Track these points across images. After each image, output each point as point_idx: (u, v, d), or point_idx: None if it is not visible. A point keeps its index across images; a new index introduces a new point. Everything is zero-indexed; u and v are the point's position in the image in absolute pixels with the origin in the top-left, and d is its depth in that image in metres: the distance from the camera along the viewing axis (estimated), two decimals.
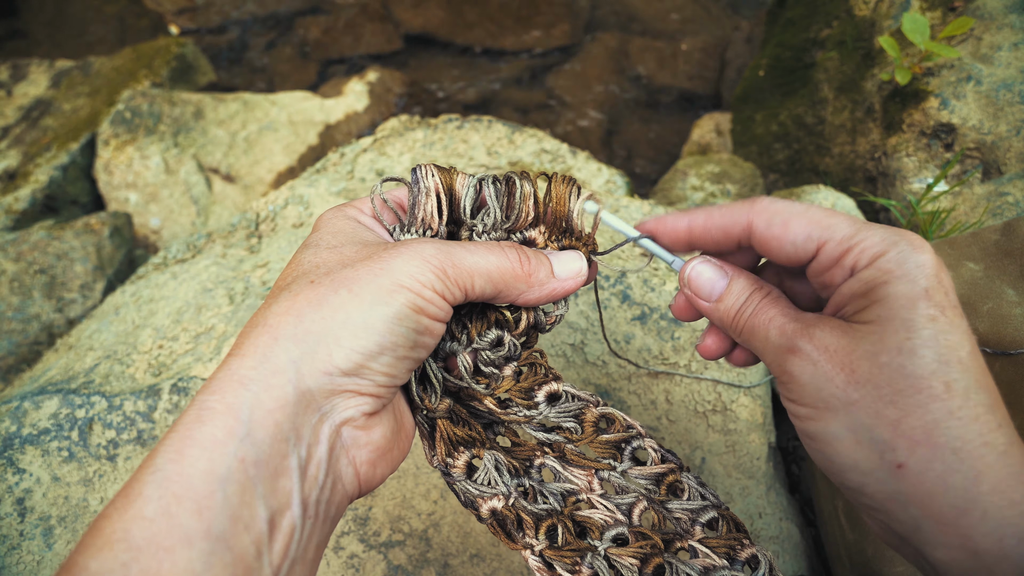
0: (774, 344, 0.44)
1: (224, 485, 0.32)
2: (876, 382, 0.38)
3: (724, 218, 0.47)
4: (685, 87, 2.60)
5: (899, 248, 0.39)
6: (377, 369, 0.40)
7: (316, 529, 0.38)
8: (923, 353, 0.37)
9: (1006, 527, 0.35)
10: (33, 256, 1.45)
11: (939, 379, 0.36)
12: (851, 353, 0.39)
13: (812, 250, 0.43)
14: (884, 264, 0.39)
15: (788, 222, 0.43)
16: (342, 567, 0.73)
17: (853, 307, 0.41)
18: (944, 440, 0.36)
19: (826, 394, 0.40)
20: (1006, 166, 1.25)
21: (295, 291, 0.40)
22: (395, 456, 0.45)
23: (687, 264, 0.50)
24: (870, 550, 0.72)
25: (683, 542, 0.47)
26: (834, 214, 0.43)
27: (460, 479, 0.47)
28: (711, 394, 0.87)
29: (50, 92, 2.33)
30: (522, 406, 0.50)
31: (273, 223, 1.19)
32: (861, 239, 0.41)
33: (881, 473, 0.38)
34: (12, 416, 0.87)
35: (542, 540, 0.46)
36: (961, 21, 1.24)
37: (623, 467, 0.50)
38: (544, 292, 0.48)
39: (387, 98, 2.47)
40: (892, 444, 0.37)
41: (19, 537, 0.79)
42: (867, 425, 0.38)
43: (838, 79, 1.65)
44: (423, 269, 0.41)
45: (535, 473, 0.50)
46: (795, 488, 0.97)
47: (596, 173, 1.27)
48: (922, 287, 0.38)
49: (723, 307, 0.48)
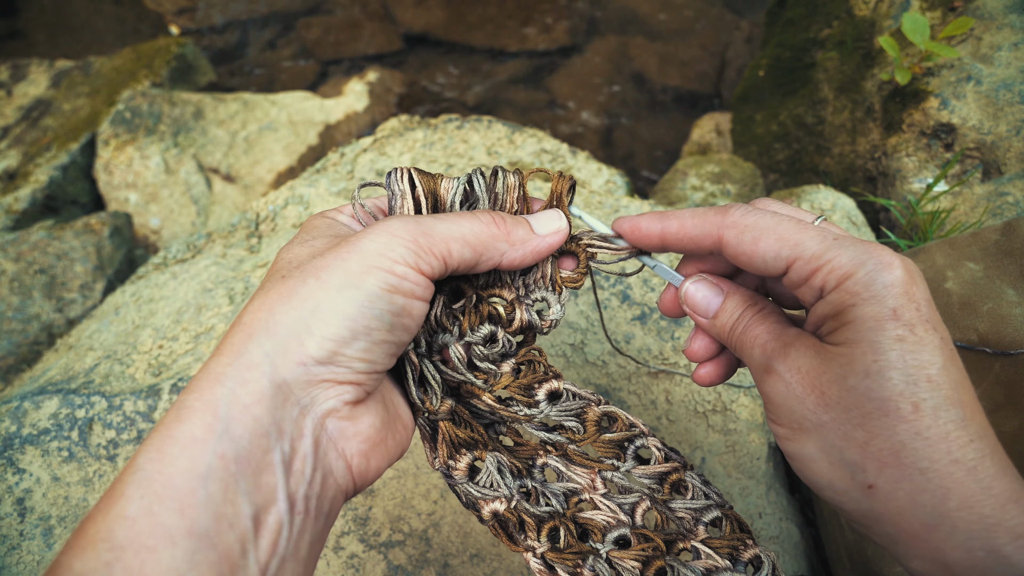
0: (757, 362, 0.45)
1: (206, 483, 0.32)
2: (845, 405, 0.39)
3: (695, 229, 0.47)
4: (685, 87, 2.60)
5: (866, 268, 0.39)
6: (353, 355, 0.39)
7: (307, 525, 0.38)
8: (890, 375, 0.37)
9: (975, 540, 0.36)
10: (33, 256, 1.45)
11: (907, 400, 0.37)
12: (821, 376, 0.40)
13: (782, 267, 0.43)
14: (851, 287, 0.40)
15: (758, 239, 0.43)
16: (342, 567, 0.73)
17: (826, 328, 0.42)
18: (911, 461, 0.37)
19: (799, 415, 0.41)
20: (1006, 166, 1.25)
21: (267, 288, 0.40)
22: (390, 447, 0.44)
23: (684, 283, 0.51)
24: (870, 550, 0.72)
25: (685, 543, 0.47)
26: (804, 229, 0.42)
27: (462, 481, 0.47)
28: (711, 394, 0.87)
29: (50, 92, 2.33)
30: (523, 404, 0.50)
31: (273, 223, 1.18)
32: (829, 259, 0.40)
33: (854, 492, 0.39)
34: (12, 416, 0.87)
35: (544, 542, 0.45)
36: (961, 21, 1.24)
37: (626, 466, 0.50)
38: (528, 250, 0.48)
39: (387, 98, 2.47)
40: (862, 465, 0.38)
41: (19, 537, 0.79)
42: (838, 447, 0.39)
43: (838, 79, 1.65)
44: (392, 244, 0.40)
45: (538, 473, 0.50)
46: (795, 488, 0.97)
47: (596, 173, 1.27)
48: (889, 307, 0.38)
49: (719, 323, 0.49)
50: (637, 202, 1.11)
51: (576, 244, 0.53)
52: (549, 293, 0.52)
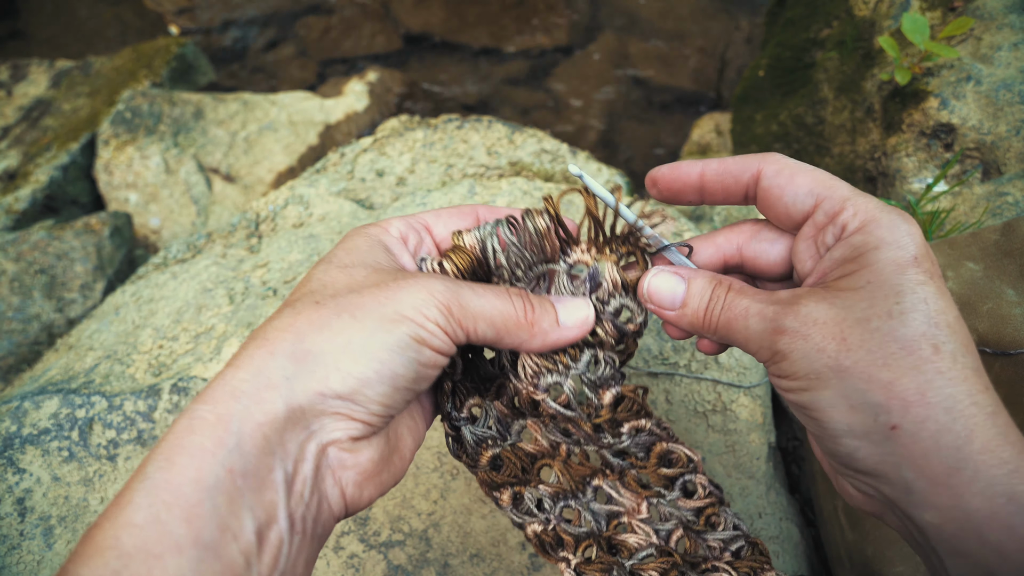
0: (756, 331, 0.44)
1: (212, 494, 0.33)
2: (868, 347, 0.39)
3: (736, 164, 0.48)
4: (685, 87, 2.60)
5: (890, 216, 0.41)
6: (373, 397, 0.40)
7: (304, 546, 0.38)
8: (913, 316, 0.38)
9: (996, 486, 0.35)
10: (33, 256, 1.45)
11: (928, 341, 0.38)
12: (841, 322, 0.40)
13: (811, 205, 0.45)
14: (875, 230, 0.41)
15: (795, 175, 0.45)
16: (342, 567, 0.73)
17: (840, 271, 0.42)
18: (937, 399, 0.37)
19: (818, 365, 0.40)
20: (1006, 166, 1.25)
21: (299, 310, 0.41)
22: (385, 479, 0.45)
23: (643, 278, 0.50)
24: (870, 550, 0.72)
25: (707, 563, 0.50)
26: (837, 179, 0.45)
27: (507, 508, 0.52)
28: (711, 394, 0.87)
29: (50, 92, 2.33)
30: (609, 434, 0.52)
31: (273, 223, 1.19)
32: (855, 202, 0.43)
33: (875, 436, 0.39)
34: (12, 416, 0.87)
35: (579, 556, 0.50)
36: (961, 21, 1.24)
37: (672, 496, 0.53)
38: (548, 341, 0.48)
39: (387, 98, 2.47)
40: (886, 406, 0.38)
41: (19, 537, 0.79)
42: (860, 390, 0.39)
43: (838, 79, 1.65)
44: (428, 303, 0.41)
45: (589, 491, 0.53)
46: (795, 488, 0.97)
47: (596, 173, 1.27)
48: (911, 254, 0.40)
49: (689, 311, 0.48)
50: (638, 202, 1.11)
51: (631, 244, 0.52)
52: (625, 299, 0.51)
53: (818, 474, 0.87)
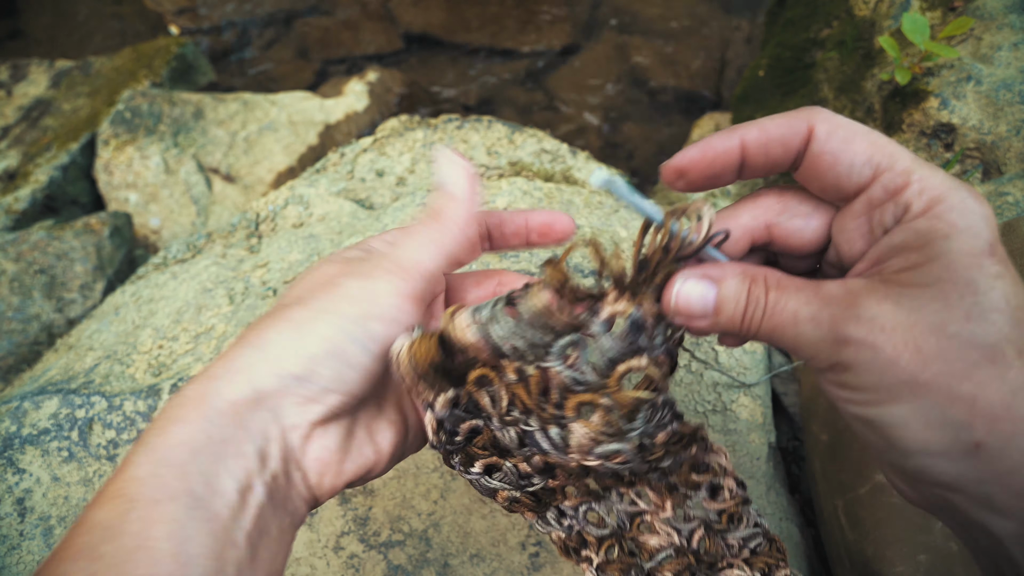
0: (810, 339, 0.37)
1: (197, 456, 0.38)
2: (947, 357, 0.33)
3: (779, 128, 0.39)
4: (685, 87, 2.60)
5: (960, 195, 0.35)
6: (327, 375, 0.42)
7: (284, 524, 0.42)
8: (994, 318, 0.33)
9: None
10: (33, 256, 1.46)
11: (1012, 345, 0.33)
12: (913, 327, 0.34)
13: (868, 177, 0.37)
14: (944, 213, 0.35)
15: (850, 139, 0.38)
16: (342, 567, 0.73)
17: (902, 262, 0.36)
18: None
19: (889, 378, 0.35)
20: (1006, 166, 1.25)
21: (267, 313, 0.46)
22: (347, 470, 0.44)
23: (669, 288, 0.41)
24: (870, 550, 0.72)
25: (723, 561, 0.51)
26: (896, 144, 0.37)
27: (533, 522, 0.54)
28: (711, 394, 0.87)
29: (50, 92, 2.33)
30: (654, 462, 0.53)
31: (273, 223, 1.19)
32: (920, 176, 0.36)
33: (955, 454, 0.34)
34: (12, 416, 0.87)
35: (601, 555, 0.51)
36: (961, 21, 1.24)
37: (699, 497, 0.53)
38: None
39: (387, 98, 2.47)
40: (968, 424, 0.33)
41: (19, 537, 0.79)
42: (939, 406, 0.34)
43: (838, 79, 1.65)
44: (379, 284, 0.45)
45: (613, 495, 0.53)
46: (795, 488, 0.97)
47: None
48: (987, 241, 0.34)
49: (724, 319, 0.41)
50: None
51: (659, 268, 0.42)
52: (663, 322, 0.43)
53: (818, 474, 0.87)
